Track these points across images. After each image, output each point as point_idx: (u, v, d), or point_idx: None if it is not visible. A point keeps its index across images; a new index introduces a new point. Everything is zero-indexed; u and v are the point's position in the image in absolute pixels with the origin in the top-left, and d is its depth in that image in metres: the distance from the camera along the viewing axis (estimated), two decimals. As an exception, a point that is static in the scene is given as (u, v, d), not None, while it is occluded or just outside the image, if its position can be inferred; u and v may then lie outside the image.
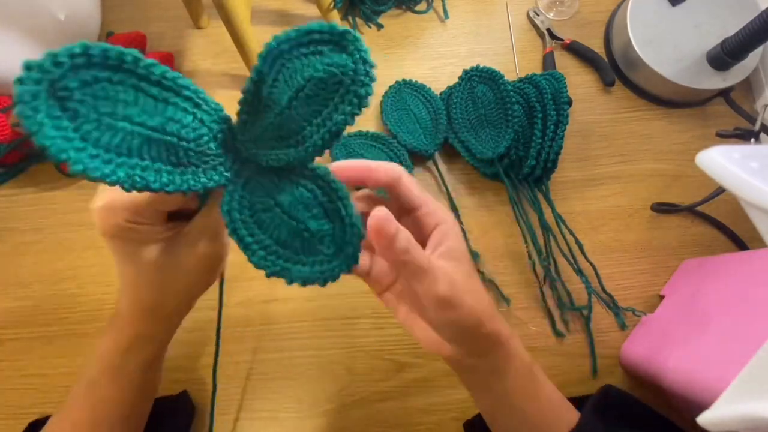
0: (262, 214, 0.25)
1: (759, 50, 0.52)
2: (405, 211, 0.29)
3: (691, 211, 0.52)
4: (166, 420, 0.40)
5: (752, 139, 0.47)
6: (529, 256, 0.50)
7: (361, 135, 0.53)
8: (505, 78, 0.52)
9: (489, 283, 0.50)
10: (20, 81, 0.17)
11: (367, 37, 0.59)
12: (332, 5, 0.56)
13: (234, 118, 0.24)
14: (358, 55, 0.21)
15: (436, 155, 0.54)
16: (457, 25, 0.60)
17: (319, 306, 0.49)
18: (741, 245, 0.51)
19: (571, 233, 0.51)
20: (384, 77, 0.56)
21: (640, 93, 0.57)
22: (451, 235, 0.28)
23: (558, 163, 0.50)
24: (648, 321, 0.48)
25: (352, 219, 0.25)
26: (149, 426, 0.36)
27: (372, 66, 0.22)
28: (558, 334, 0.49)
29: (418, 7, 0.60)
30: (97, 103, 0.19)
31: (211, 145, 0.23)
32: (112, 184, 0.19)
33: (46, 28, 0.49)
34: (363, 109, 0.22)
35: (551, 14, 0.60)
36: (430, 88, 0.55)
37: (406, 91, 0.55)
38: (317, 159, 0.24)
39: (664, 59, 0.53)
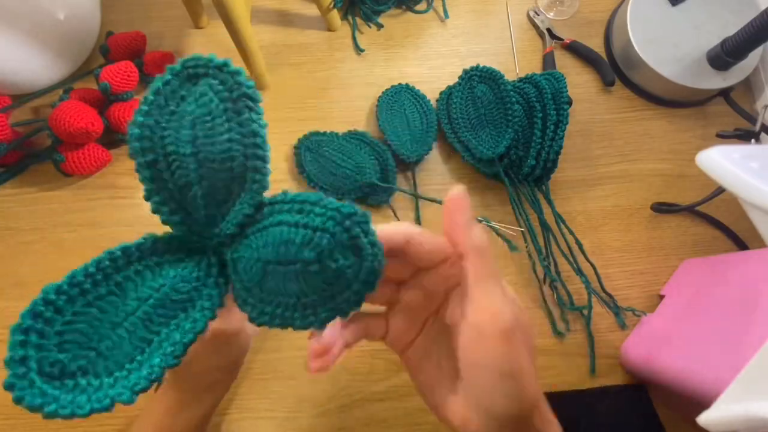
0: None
1: (759, 50, 0.52)
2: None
3: (691, 211, 0.52)
4: None
5: (752, 139, 0.47)
6: (529, 256, 0.50)
7: (359, 135, 0.53)
8: (505, 78, 0.52)
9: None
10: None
11: (367, 36, 0.59)
12: (332, 5, 0.56)
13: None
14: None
15: (416, 168, 0.53)
16: (457, 25, 0.60)
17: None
18: (741, 245, 0.51)
19: (571, 233, 0.51)
20: (383, 77, 0.56)
21: (640, 93, 0.57)
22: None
23: (558, 163, 0.50)
24: (648, 321, 0.48)
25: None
26: None
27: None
28: (558, 334, 0.49)
29: (418, 7, 0.60)
30: None
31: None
32: None
33: (46, 28, 0.49)
34: None
35: (551, 14, 0.60)
36: (429, 101, 0.55)
37: (406, 95, 0.55)
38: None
39: (664, 59, 0.53)
